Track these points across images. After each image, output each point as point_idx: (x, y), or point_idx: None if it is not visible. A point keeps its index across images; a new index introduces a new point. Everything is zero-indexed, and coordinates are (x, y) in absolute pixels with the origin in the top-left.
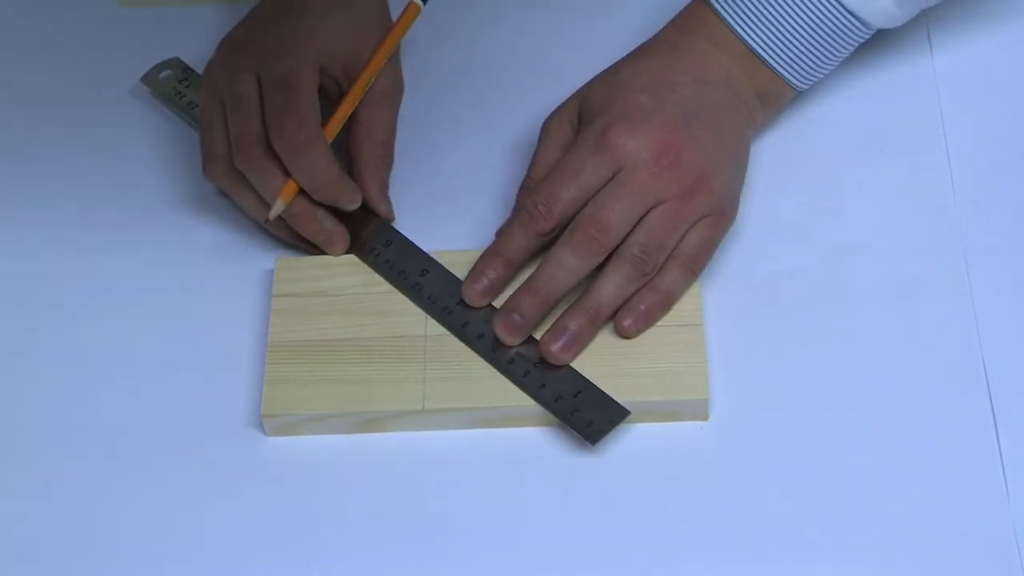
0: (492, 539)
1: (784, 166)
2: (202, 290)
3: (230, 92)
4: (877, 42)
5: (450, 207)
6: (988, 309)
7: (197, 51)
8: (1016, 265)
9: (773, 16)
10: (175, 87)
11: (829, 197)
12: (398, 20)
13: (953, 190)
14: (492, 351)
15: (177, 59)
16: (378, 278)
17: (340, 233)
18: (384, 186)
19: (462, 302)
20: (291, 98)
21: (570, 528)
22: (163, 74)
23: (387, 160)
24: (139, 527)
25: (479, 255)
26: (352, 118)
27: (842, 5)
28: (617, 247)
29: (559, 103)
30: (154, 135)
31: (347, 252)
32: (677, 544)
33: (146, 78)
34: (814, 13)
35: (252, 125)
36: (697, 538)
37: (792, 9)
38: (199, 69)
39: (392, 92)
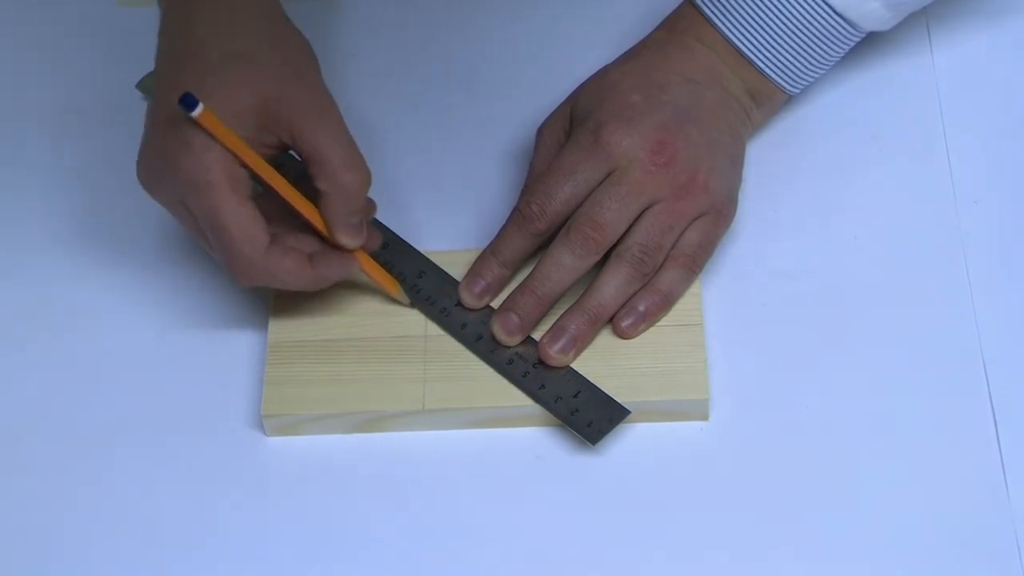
0: (492, 539)
1: (783, 165)
2: (202, 290)
3: (181, 225)
4: (876, 40)
5: (446, 208)
6: (988, 309)
7: None
8: (1016, 265)
9: (761, 18)
10: None
11: (828, 196)
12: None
13: (953, 190)
14: (491, 352)
15: None
16: None
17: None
18: (349, 224)
19: (460, 303)
20: (222, 238)
21: (570, 528)
22: None
23: (348, 188)
24: (139, 527)
25: (476, 255)
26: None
27: (831, 7)
28: (615, 247)
29: (554, 103)
30: None
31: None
32: (677, 544)
33: (141, 84)
34: (802, 15)
35: (221, 255)
36: (697, 538)
37: (780, 11)
38: None
39: (321, 108)
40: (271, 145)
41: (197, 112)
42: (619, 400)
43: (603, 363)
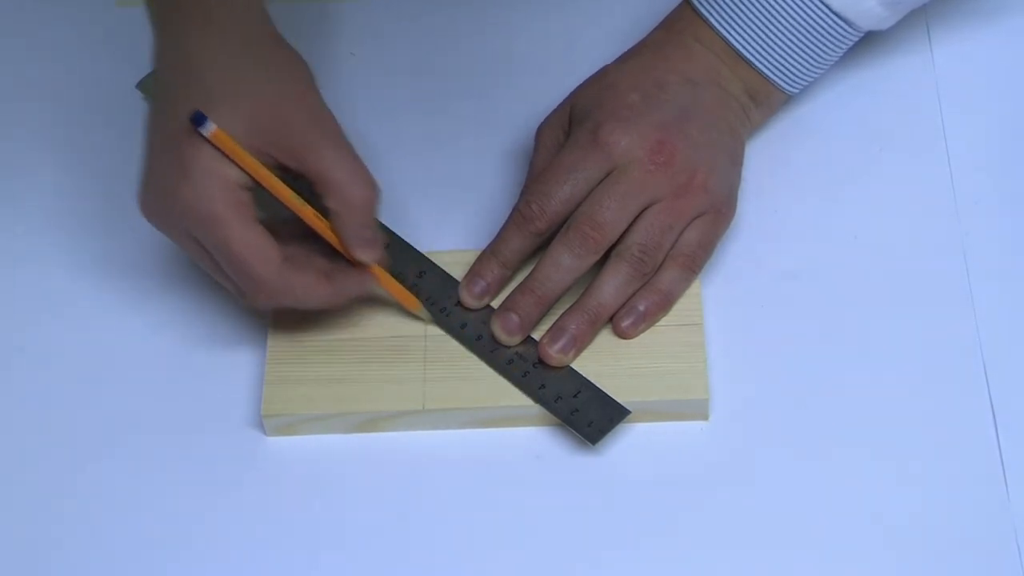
0: (492, 539)
1: (782, 164)
2: (202, 290)
3: (187, 254)
4: (876, 40)
5: (446, 207)
6: (988, 309)
7: None
8: (1016, 265)
9: (758, 18)
10: None
11: (828, 196)
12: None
13: (953, 190)
14: (491, 352)
15: None
16: None
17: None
18: (363, 239)
19: (460, 303)
20: (235, 263)
21: (570, 528)
22: None
23: (359, 201)
24: (139, 527)
25: (476, 255)
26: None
27: (828, 7)
28: (614, 247)
29: (554, 103)
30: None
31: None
32: (677, 544)
33: (141, 84)
34: (800, 14)
35: (229, 282)
36: (697, 538)
37: (777, 11)
38: None
39: (322, 127)
40: (269, 168)
41: (208, 130)
42: (619, 400)
43: (603, 363)
